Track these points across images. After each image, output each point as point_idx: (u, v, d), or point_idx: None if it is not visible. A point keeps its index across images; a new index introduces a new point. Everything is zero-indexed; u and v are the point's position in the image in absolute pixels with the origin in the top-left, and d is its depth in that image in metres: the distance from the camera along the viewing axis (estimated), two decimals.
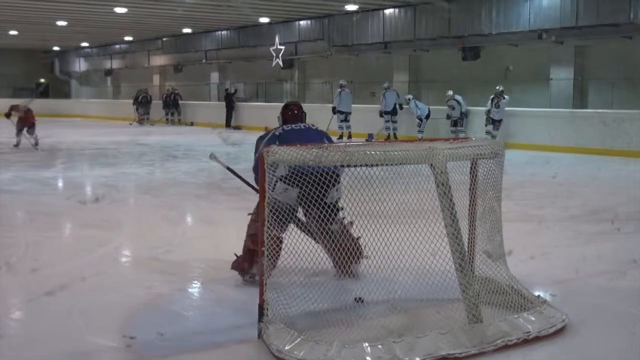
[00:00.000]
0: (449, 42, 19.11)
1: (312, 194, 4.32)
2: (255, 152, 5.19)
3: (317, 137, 5.19)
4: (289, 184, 4.60)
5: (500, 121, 16.98)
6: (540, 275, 5.46)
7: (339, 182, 4.66)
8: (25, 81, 38.14)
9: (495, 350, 3.82)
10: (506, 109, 17.05)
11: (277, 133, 5.18)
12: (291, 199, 4.67)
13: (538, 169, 13.35)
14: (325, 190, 4.33)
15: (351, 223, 4.81)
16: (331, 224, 4.56)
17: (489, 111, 17.09)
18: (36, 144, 16.18)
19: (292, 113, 5.40)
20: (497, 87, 16.94)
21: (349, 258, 4.60)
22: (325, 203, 4.43)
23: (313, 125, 5.33)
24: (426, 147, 3.99)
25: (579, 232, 7.38)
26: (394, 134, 19.52)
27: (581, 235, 7.19)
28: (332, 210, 4.51)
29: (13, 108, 16.17)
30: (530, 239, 6.81)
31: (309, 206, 4.50)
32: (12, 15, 22.83)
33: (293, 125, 5.24)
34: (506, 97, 16.87)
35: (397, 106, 19.47)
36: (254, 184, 5.20)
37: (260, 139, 5.21)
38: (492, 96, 17.00)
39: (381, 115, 19.60)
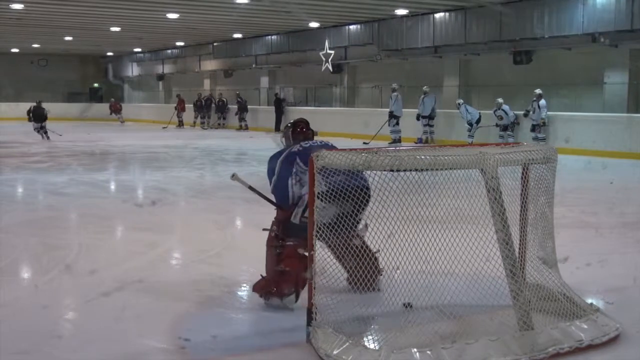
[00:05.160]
0: (501, 45, 18.90)
1: (348, 214, 4.20)
2: (271, 172, 4.98)
3: None
4: (326, 202, 4.23)
5: (539, 125, 16.87)
6: (596, 282, 5.36)
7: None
8: (79, 86, 39.08)
9: (547, 358, 3.75)
10: (560, 113, 16.78)
11: (294, 150, 4.90)
12: (327, 217, 4.25)
13: (593, 175, 13.10)
14: (360, 210, 4.25)
15: (366, 226, 4.49)
16: (353, 238, 4.40)
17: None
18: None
19: (301, 131, 5.13)
20: (536, 91, 16.81)
21: (366, 275, 4.33)
22: (357, 221, 4.35)
23: (328, 143, 5.08)
24: (477, 152, 3.94)
25: (636, 239, 7.22)
26: (431, 137, 19.60)
27: (638, 243, 7.03)
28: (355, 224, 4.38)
29: None
30: (586, 245, 6.70)
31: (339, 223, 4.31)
32: (67, 22, 23.35)
33: (312, 142, 5.00)
34: (542, 101, 16.73)
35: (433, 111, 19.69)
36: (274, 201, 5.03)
37: (274, 157, 4.98)
38: (534, 99, 16.89)
39: (418, 119, 19.69)
